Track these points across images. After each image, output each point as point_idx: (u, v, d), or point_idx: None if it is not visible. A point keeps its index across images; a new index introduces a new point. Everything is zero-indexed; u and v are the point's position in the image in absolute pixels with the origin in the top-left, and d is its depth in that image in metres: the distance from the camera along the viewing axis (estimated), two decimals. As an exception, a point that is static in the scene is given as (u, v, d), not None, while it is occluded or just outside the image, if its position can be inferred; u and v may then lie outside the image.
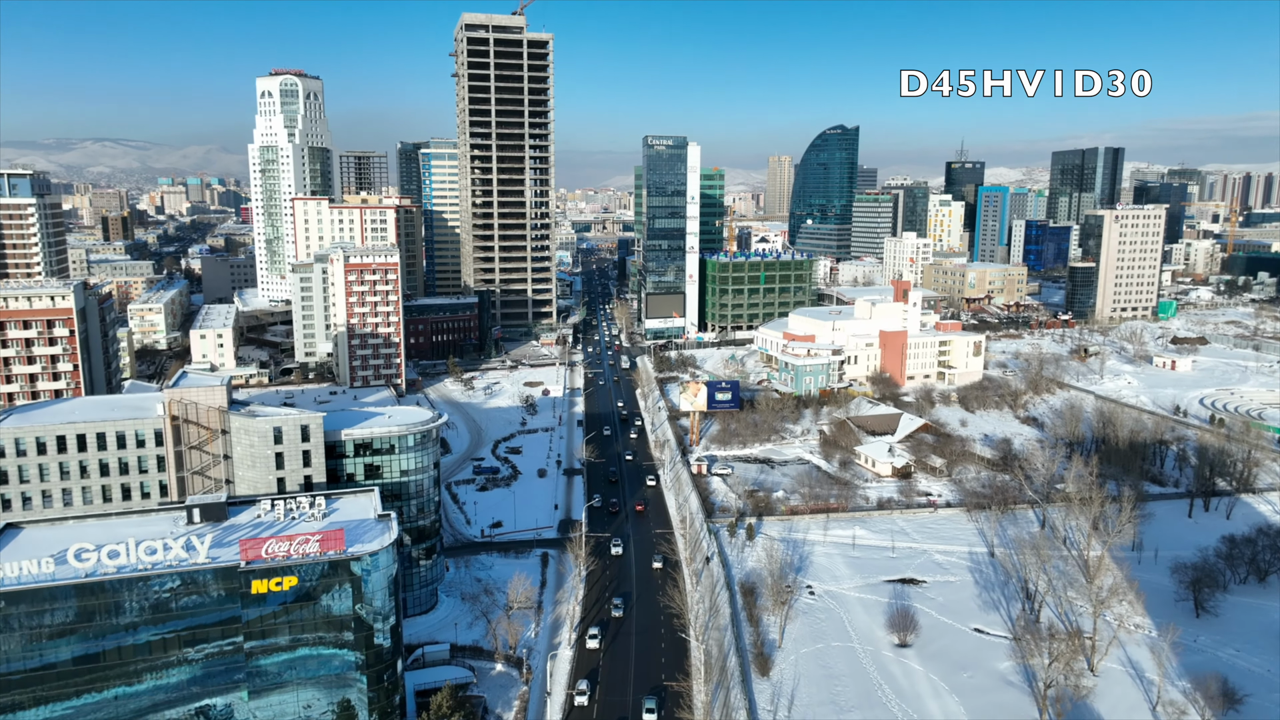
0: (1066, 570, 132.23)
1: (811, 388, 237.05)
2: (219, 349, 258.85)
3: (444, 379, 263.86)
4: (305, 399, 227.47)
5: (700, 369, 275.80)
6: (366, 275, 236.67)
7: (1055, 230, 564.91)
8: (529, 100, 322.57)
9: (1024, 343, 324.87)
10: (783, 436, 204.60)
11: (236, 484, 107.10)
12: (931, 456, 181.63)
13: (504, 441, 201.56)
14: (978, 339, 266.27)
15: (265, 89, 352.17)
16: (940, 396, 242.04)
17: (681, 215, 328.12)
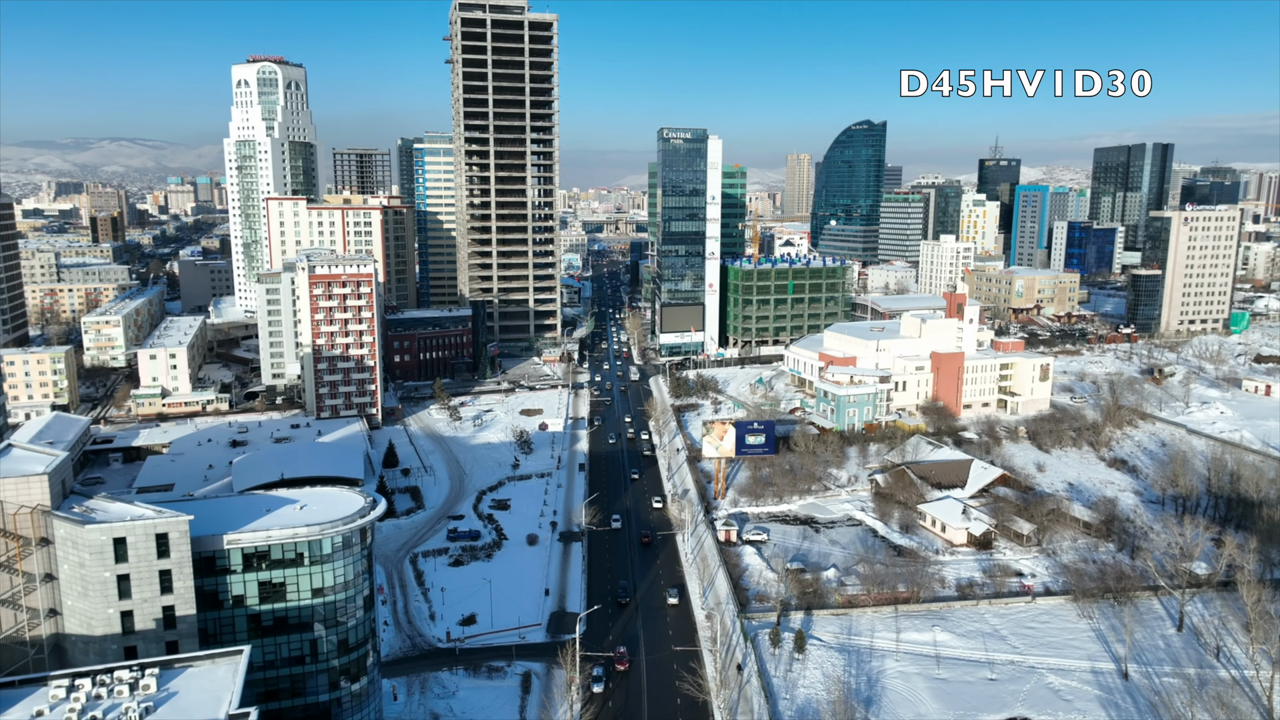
0: (1233, 702, 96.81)
1: (856, 421, 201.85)
2: (171, 370, 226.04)
3: (429, 405, 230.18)
4: (262, 433, 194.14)
5: (723, 394, 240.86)
6: (336, 288, 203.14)
7: (1099, 232, 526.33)
8: (531, 89, 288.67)
9: (1085, 361, 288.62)
10: (826, 486, 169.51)
11: (65, 618, 73.50)
12: (1015, 519, 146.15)
13: (490, 492, 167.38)
14: (1044, 361, 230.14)
15: (241, 78, 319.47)
16: (1006, 431, 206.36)
17: (701, 217, 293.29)
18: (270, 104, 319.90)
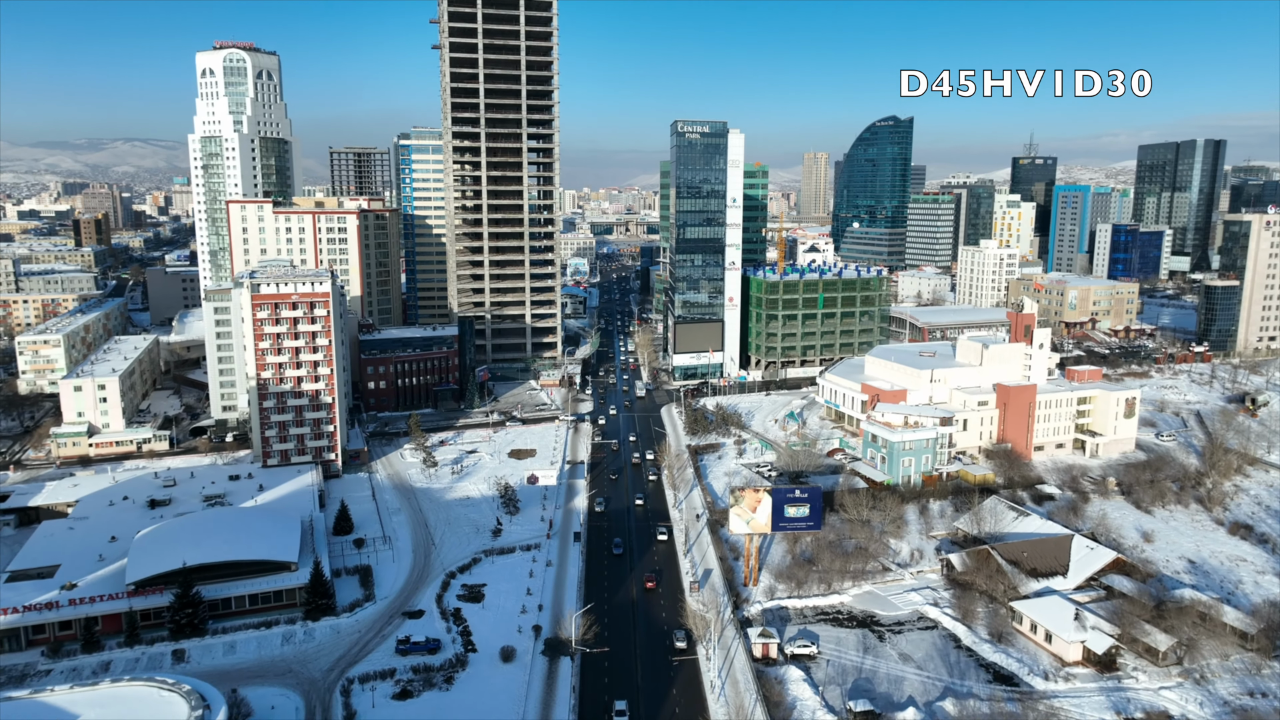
0: None
1: (912, 472, 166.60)
2: (100, 404, 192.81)
3: (404, 443, 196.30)
4: (192, 487, 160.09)
5: (747, 430, 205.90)
6: (284, 310, 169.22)
7: (1145, 235, 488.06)
8: (528, 77, 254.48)
9: (1156, 385, 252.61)
10: (885, 566, 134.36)
11: None
12: (1145, 627, 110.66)
13: (462, 573, 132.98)
14: (1129, 394, 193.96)
15: (206, 66, 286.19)
16: (1091, 482, 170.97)
17: (720, 222, 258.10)
18: (238, 96, 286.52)
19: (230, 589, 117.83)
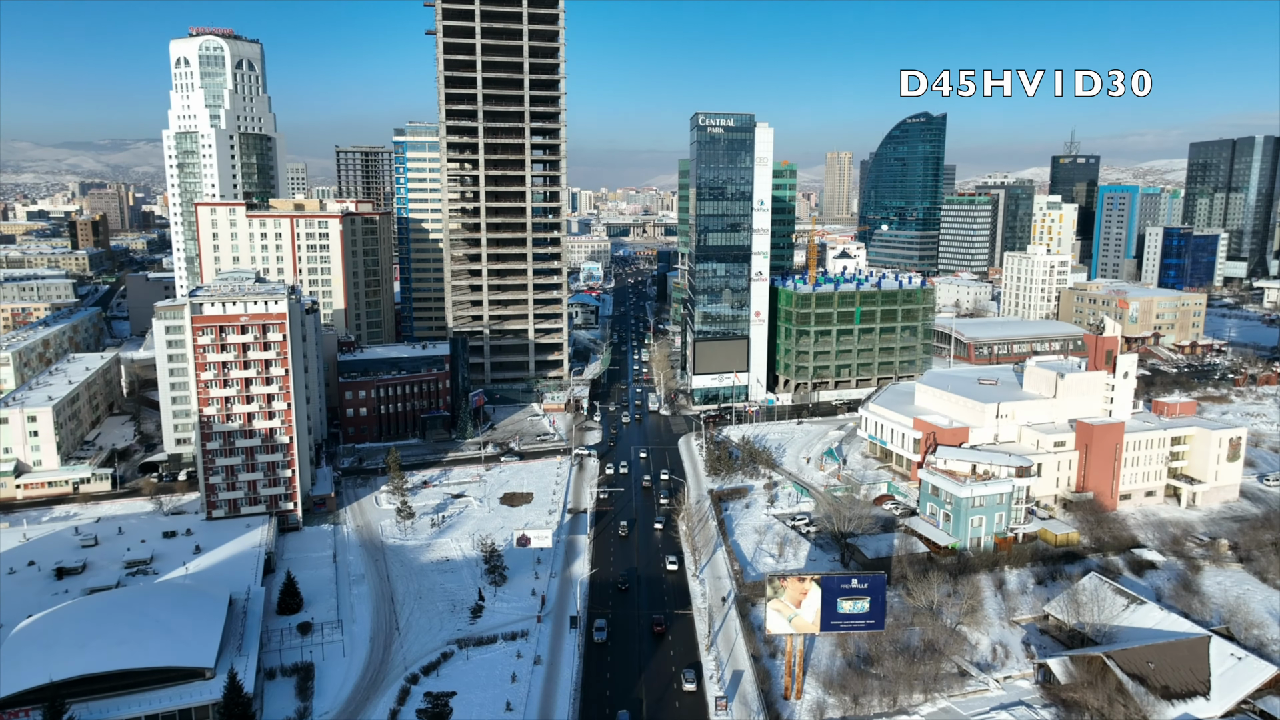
0: None
1: (984, 534, 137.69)
2: (30, 438, 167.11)
3: (381, 484, 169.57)
4: (115, 548, 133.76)
5: (779, 470, 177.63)
6: (231, 335, 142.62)
7: (1200, 240, 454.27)
8: (531, 65, 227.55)
9: (1238, 411, 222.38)
10: (961, 670, 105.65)
11: None
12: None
13: (426, 675, 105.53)
14: (1234, 433, 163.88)
15: (181, 55, 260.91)
16: (1197, 544, 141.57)
17: (746, 228, 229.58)
18: (216, 87, 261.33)
19: (116, 709, 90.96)
